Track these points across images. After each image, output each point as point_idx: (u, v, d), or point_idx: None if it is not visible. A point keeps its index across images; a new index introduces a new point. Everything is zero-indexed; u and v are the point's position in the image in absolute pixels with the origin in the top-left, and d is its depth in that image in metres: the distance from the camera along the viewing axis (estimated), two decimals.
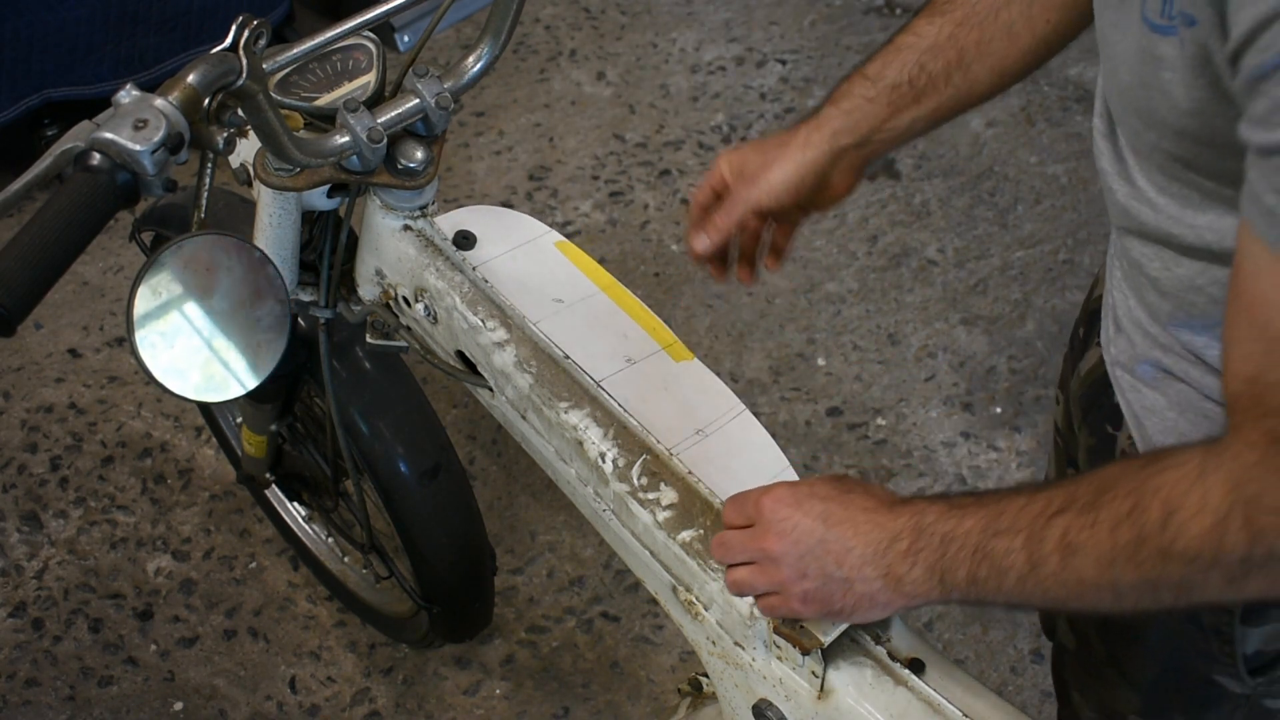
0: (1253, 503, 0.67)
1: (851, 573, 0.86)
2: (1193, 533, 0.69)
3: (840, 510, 0.87)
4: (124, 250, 2.41)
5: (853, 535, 0.86)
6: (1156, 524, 0.71)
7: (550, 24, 2.93)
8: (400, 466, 1.47)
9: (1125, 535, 0.73)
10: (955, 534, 0.81)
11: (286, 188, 1.11)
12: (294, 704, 1.85)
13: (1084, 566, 0.75)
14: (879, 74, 1.07)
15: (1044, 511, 0.78)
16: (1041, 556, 0.77)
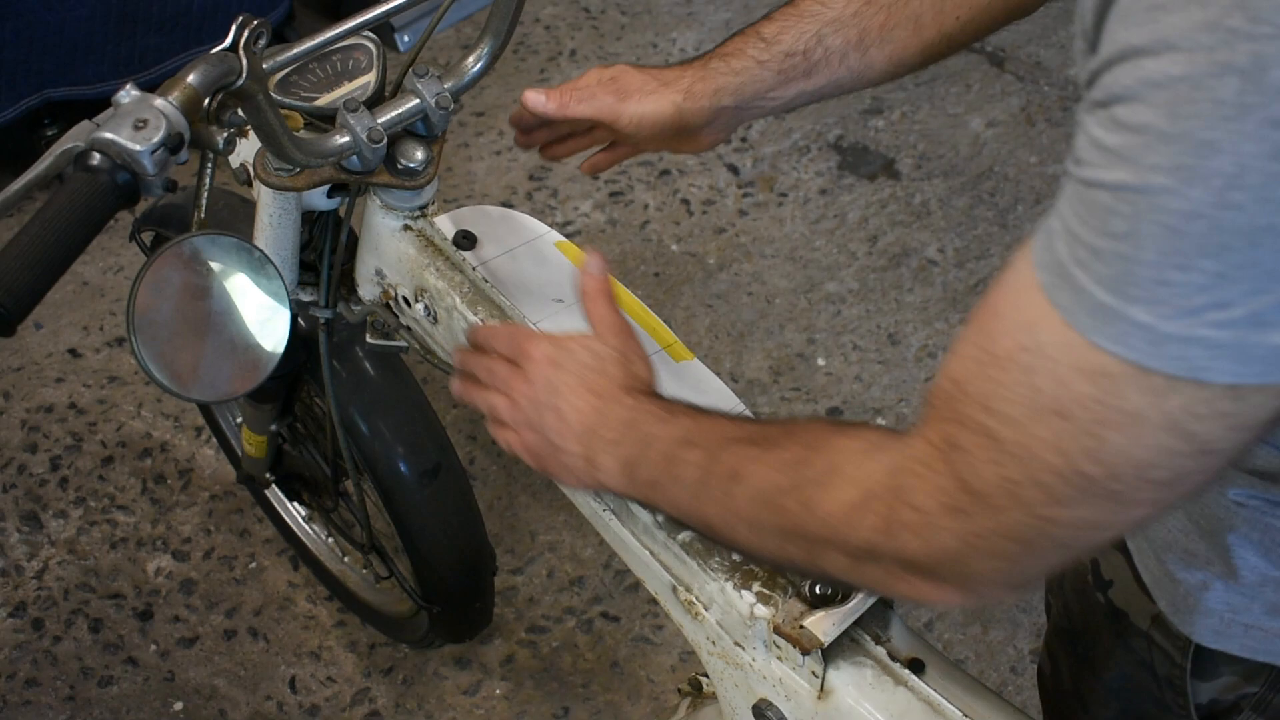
0: (899, 493, 0.67)
1: (562, 442, 0.91)
2: (838, 499, 0.70)
3: (576, 383, 0.91)
4: (124, 250, 2.41)
5: (574, 411, 0.90)
6: (813, 479, 0.72)
7: (550, 24, 2.93)
8: (400, 466, 1.47)
9: (783, 479, 0.75)
10: (656, 436, 0.85)
11: (286, 188, 1.11)
12: (294, 704, 1.85)
13: (740, 496, 0.78)
14: (775, 37, 1.03)
15: (734, 436, 0.80)
16: (711, 476, 0.79)
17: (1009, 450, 0.60)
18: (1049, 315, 0.57)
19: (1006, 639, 1.94)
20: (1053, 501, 0.60)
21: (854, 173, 2.63)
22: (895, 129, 2.71)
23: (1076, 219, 0.56)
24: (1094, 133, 0.55)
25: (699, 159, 2.62)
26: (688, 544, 1.00)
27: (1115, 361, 0.55)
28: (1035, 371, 0.58)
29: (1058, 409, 0.58)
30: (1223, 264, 0.52)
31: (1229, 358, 0.53)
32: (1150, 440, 0.56)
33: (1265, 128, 0.49)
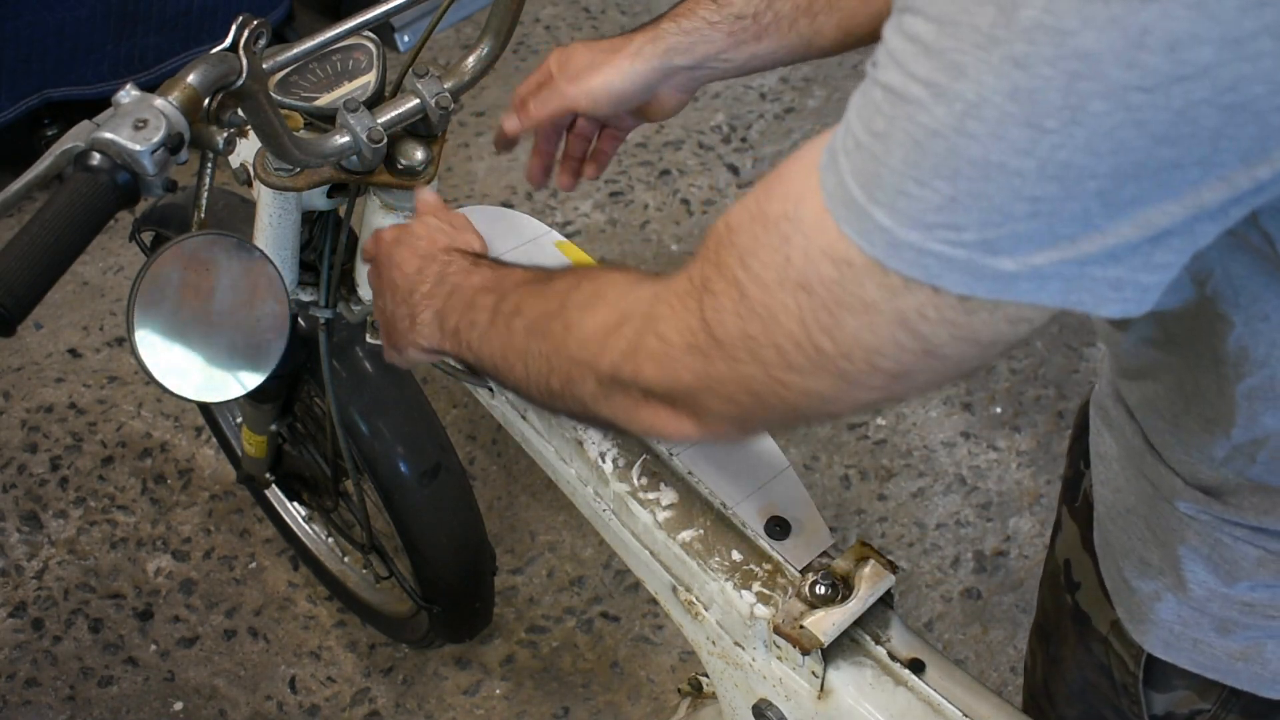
0: (649, 321, 0.69)
1: (393, 307, 0.96)
2: (597, 320, 0.73)
3: (408, 251, 0.97)
4: (124, 250, 2.41)
5: (401, 275, 0.95)
6: (578, 303, 0.75)
7: (550, 24, 2.93)
8: (400, 466, 1.47)
9: (553, 305, 0.78)
10: (462, 285, 0.89)
11: (286, 188, 1.11)
12: (294, 704, 1.85)
13: (518, 329, 0.81)
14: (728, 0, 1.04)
15: (523, 279, 0.84)
16: (498, 315, 0.83)
17: (754, 308, 0.62)
18: (814, 193, 0.59)
19: (1006, 639, 1.94)
20: (787, 366, 0.62)
21: None
22: None
23: (854, 111, 0.58)
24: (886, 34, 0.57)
25: (699, 159, 2.62)
26: (688, 544, 1.00)
27: (858, 252, 0.57)
28: (790, 242, 0.60)
29: (802, 282, 0.60)
30: (955, 189, 0.53)
31: (960, 271, 0.55)
32: (882, 330, 0.58)
33: (1007, 65, 0.50)
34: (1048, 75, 0.50)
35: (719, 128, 2.69)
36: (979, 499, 2.10)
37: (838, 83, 2.79)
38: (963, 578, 2.01)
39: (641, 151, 2.64)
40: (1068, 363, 2.29)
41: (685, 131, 2.68)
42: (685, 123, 2.70)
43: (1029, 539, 2.05)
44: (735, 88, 2.78)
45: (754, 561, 0.99)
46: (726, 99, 2.75)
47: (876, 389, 0.62)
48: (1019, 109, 0.51)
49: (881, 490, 2.12)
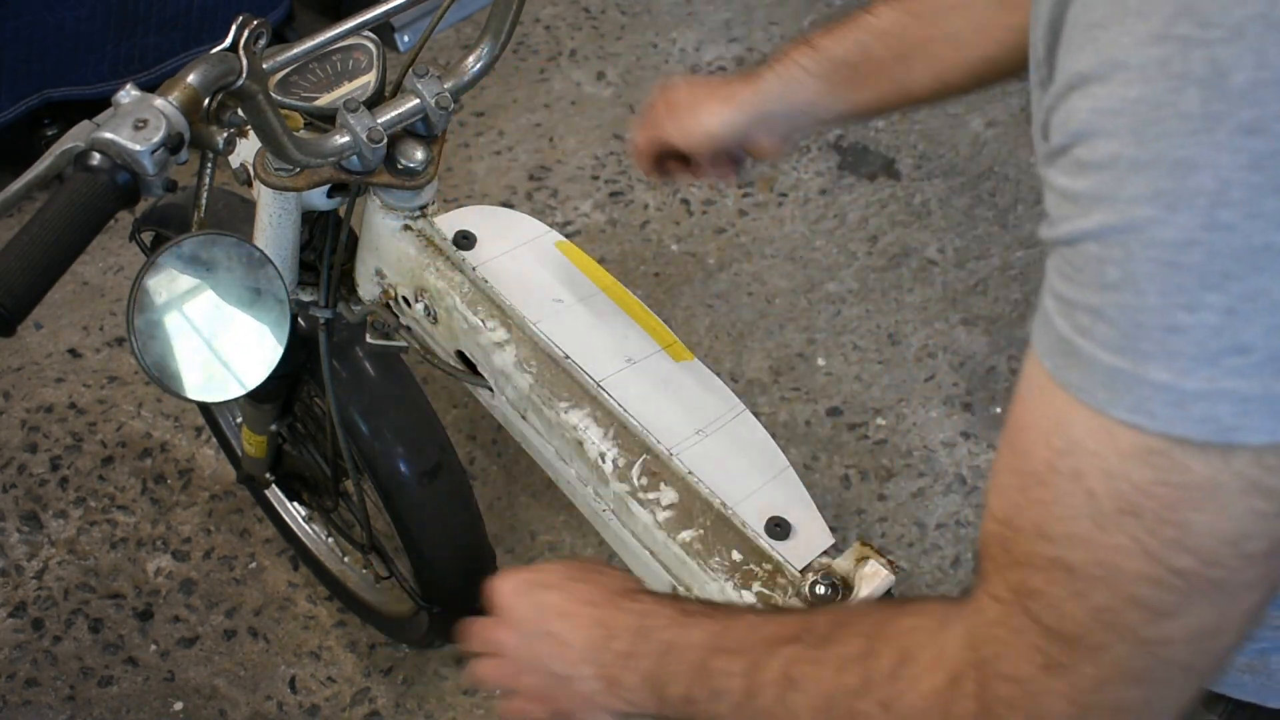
0: (987, 666, 0.58)
1: (570, 669, 0.78)
2: (921, 689, 0.60)
3: (562, 601, 0.80)
4: (124, 250, 2.41)
5: (571, 630, 0.79)
6: (885, 672, 0.62)
7: (550, 24, 2.93)
8: (400, 466, 1.47)
9: (850, 679, 0.63)
10: (677, 644, 0.73)
11: (286, 188, 1.11)
12: (294, 704, 1.85)
13: (799, 705, 0.66)
14: (825, 47, 1.02)
15: (774, 637, 0.69)
16: (759, 685, 0.68)
17: (1088, 574, 0.52)
18: (1069, 405, 0.51)
19: None
20: (1155, 617, 0.52)
21: (854, 173, 2.63)
22: (895, 129, 2.71)
23: (1066, 282, 0.51)
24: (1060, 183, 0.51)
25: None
26: (687, 544, 1.00)
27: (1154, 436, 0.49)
28: (1082, 475, 0.51)
29: (1122, 507, 0.51)
30: (1229, 296, 0.47)
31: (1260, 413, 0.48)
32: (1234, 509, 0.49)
33: (1238, 136, 0.46)
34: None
35: None
36: (979, 499, 2.10)
37: None
38: (963, 578, 2.01)
39: None
40: None
41: None
42: None
43: None
44: None
45: (754, 561, 0.99)
46: None
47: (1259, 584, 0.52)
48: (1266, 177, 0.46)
49: (881, 490, 2.11)
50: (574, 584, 0.81)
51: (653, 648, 0.75)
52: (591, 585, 0.81)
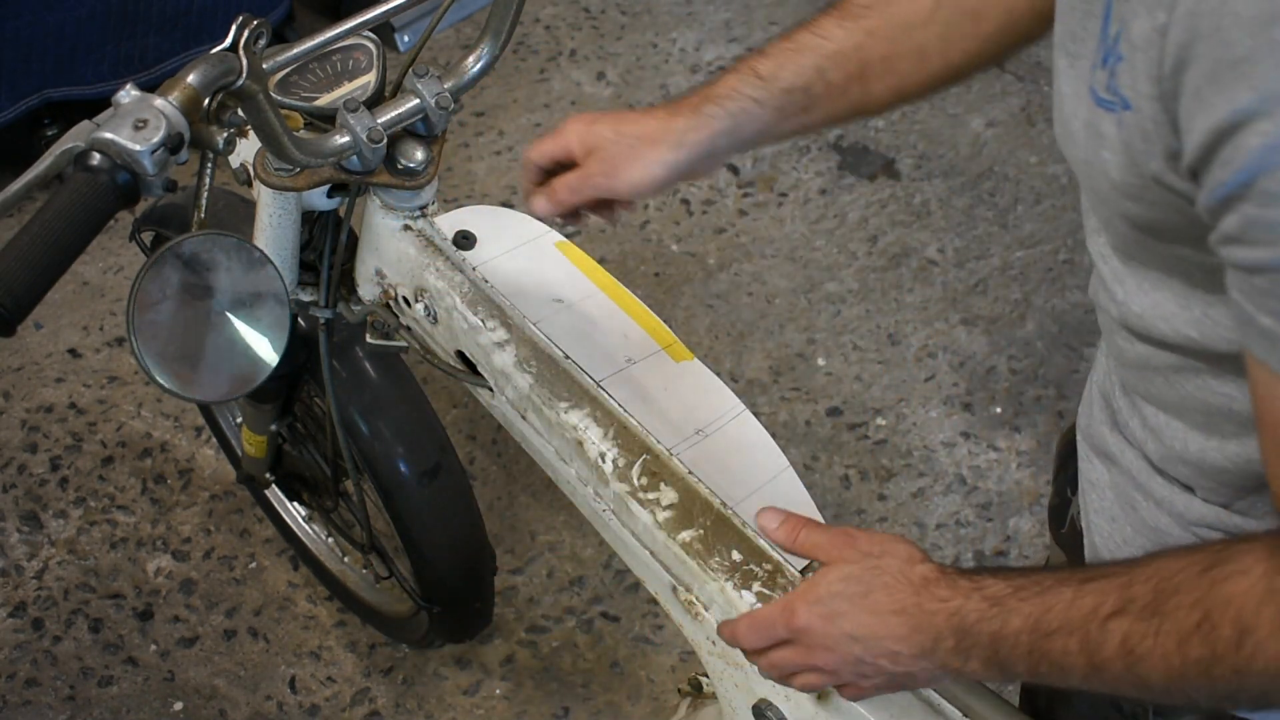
0: None
1: (909, 667, 0.82)
2: (1271, 652, 0.66)
3: (870, 618, 0.83)
4: (124, 250, 2.41)
5: (894, 641, 0.82)
6: (1231, 643, 0.67)
7: (550, 24, 2.93)
8: (400, 466, 1.47)
9: (1196, 651, 0.69)
10: (1004, 635, 0.77)
11: (286, 188, 1.11)
12: (294, 704, 1.85)
13: (1151, 674, 0.71)
14: (773, 75, 0.98)
15: (1096, 611, 0.73)
16: (1103, 660, 0.73)
17: None
18: None
19: None
20: None
21: (854, 173, 2.63)
22: (895, 129, 2.71)
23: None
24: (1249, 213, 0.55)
25: None
26: (687, 544, 1.00)
27: None
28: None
29: None
30: None
31: None
32: None
33: None
34: None
35: None
36: (979, 499, 2.10)
37: None
38: None
39: None
40: (1068, 363, 2.29)
41: None
42: None
43: (1029, 539, 2.05)
44: None
45: (754, 561, 0.99)
46: None
47: None
48: None
49: (881, 490, 2.12)
50: (869, 597, 0.83)
51: (981, 641, 0.78)
52: (884, 592, 0.82)
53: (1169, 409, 0.81)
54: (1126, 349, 0.82)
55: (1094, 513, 0.91)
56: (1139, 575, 0.72)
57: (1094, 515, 0.91)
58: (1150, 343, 0.78)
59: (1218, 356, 0.74)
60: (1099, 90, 0.67)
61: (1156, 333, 0.76)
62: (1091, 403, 0.93)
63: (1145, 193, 0.67)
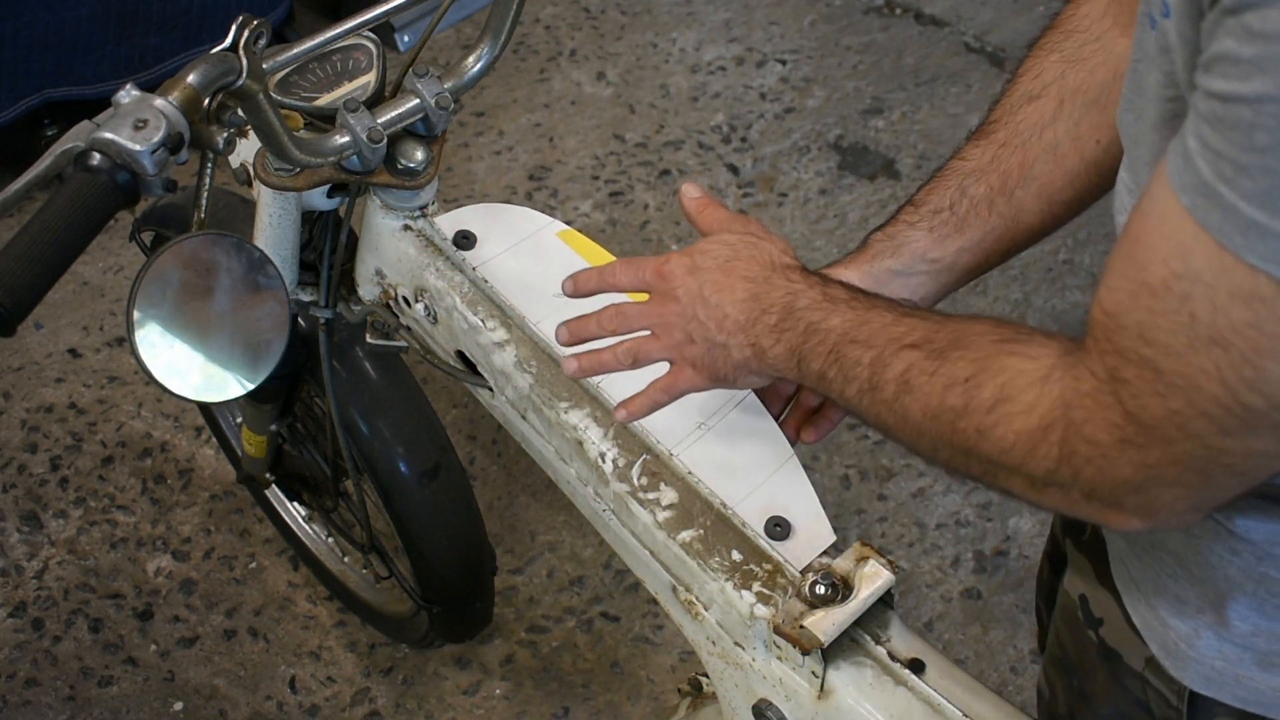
0: (1074, 427, 0.67)
1: (727, 338, 0.90)
2: (1013, 427, 0.71)
3: (723, 277, 0.91)
4: (124, 250, 2.41)
5: (730, 301, 0.90)
6: (985, 403, 0.73)
7: (550, 24, 2.93)
8: (400, 466, 1.47)
9: (954, 399, 0.74)
10: (819, 327, 0.85)
11: (286, 188, 1.11)
12: (294, 704, 1.85)
13: (912, 407, 0.78)
14: (923, 199, 1.03)
15: (900, 339, 0.80)
16: (882, 381, 0.80)
17: (1171, 382, 0.60)
18: (1199, 238, 0.57)
19: (1006, 639, 1.94)
20: (1221, 432, 0.60)
21: (854, 173, 2.63)
22: (895, 129, 2.71)
23: (1217, 136, 0.55)
24: (1226, 44, 0.55)
25: (699, 159, 2.62)
26: (688, 544, 1.00)
27: (1270, 282, 0.55)
28: (1191, 299, 0.58)
29: (1215, 337, 0.57)
30: None
31: None
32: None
33: None
34: None
35: (719, 128, 2.69)
36: (979, 499, 2.10)
37: (837, 83, 2.79)
38: (963, 578, 2.01)
39: (641, 151, 2.64)
40: None
41: (685, 131, 2.68)
42: (685, 123, 2.70)
43: (1029, 539, 2.05)
44: (735, 88, 2.78)
45: (754, 561, 0.99)
46: (726, 99, 2.75)
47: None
48: None
49: (881, 490, 2.12)
50: (734, 261, 0.91)
51: (798, 326, 0.86)
52: (747, 262, 0.91)
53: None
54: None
55: None
56: (949, 325, 0.79)
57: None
58: None
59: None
60: (1155, 14, 0.68)
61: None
62: None
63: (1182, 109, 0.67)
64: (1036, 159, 0.99)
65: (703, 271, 0.92)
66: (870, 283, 1.03)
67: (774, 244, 0.93)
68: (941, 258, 1.03)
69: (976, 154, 1.02)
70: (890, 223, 1.05)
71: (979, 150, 1.01)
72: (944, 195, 1.02)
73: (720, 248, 0.93)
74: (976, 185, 1.01)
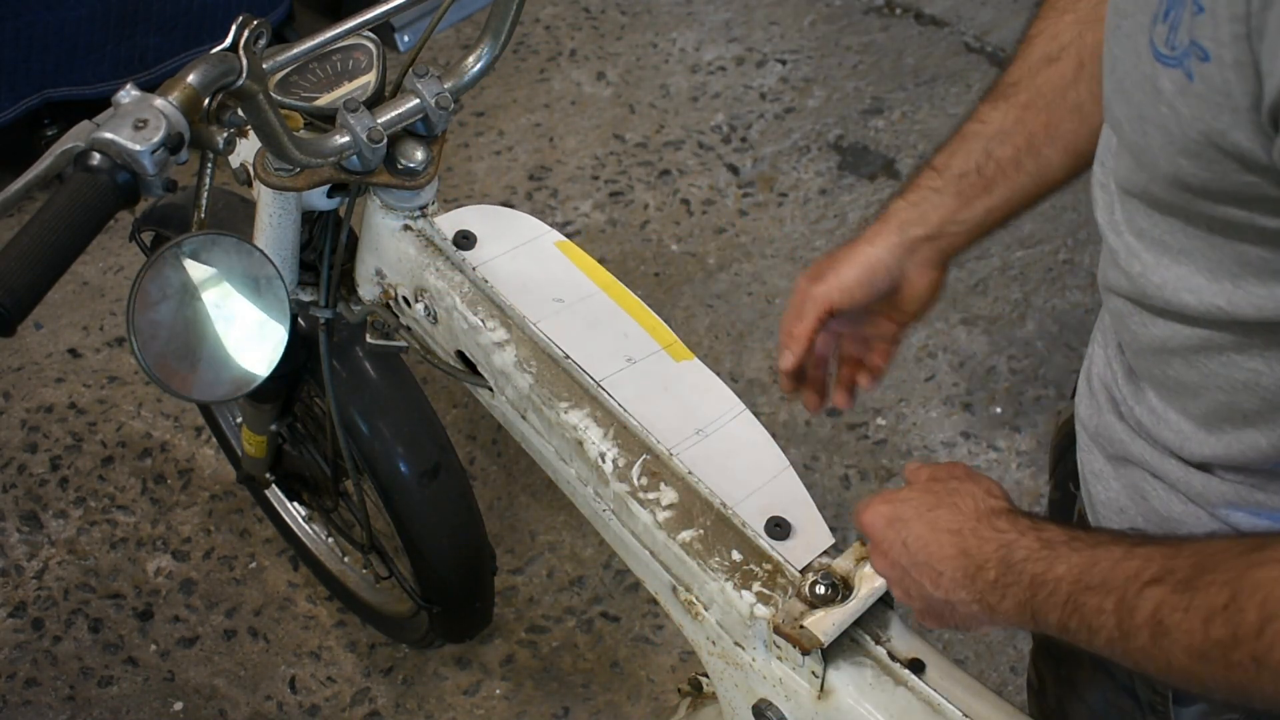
0: None
1: (948, 595, 0.84)
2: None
3: (926, 532, 0.85)
4: (124, 250, 2.41)
5: (940, 560, 0.83)
6: (1252, 628, 0.66)
7: (550, 24, 2.93)
8: (400, 466, 1.47)
9: (1218, 632, 0.68)
10: (1045, 578, 0.77)
11: (286, 188, 1.11)
12: (294, 704, 1.85)
13: (1174, 651, 0.71)
14: (945, 164, 1.03)
15: (1138, 576, 0.73)
16: (1133, 627, 0.73)
17: None
18: None
19: (1006, 639, 1.94)
20: None
21: (854, 173, 2.63)
22: (895, 129, 2.71)
23: None
24: None
25: (699, 159, 2.62)
26: (687, 544, 1.00)
27: None
28: None
29: None
30: None
31: None
32: None
33: None
34: None
35: (719, 127, 2.69)
36: None
37: (837, 83, 2.79)
38: None
39: (641, 151, 2.64)
40: (1068, 363, 2.29)
41: (685, 131, 2.68)
42: (685, 123, 2.70)
43: None
44: (735, 88, 2.78)
45: (754, 561, 0.99)
46: (726, 99, 2.75)
47: None
48: None
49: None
50: (934, 512, 0.85)
51: (1022, 579, 0.79)
52: (950, 510, 0.85)
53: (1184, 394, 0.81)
54: (1141, 332, 0.82)
55: (1100, 505, 0.91)
56: (1186, 549, 0.72)
57: (1100, 508, 0.91)
58: (1171, 318, 0.78)
59: (1245, 327, 0.73)
60: (1158, 45, 0.67)
61: (1179, 305, 0.76)
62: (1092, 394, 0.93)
63: (1204, 151, 0.67)
64: (1062, 119, 0.99)
65: (904, 524, 0.86)
66: (902, 252, 1.04)
67: (978, 485, 0.87)
68: (970, 218, 1.04)
69: (997, 117, 1.02)
70: (911, 189, 1.05)
71: (999, 113, 1.01)
72: (968, 159, 1.02)
73: (921, 496, 0.87)
74: (1002, 148, 1.01)
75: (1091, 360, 0.94)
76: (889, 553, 0.87)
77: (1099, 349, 0.93)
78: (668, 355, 1.15)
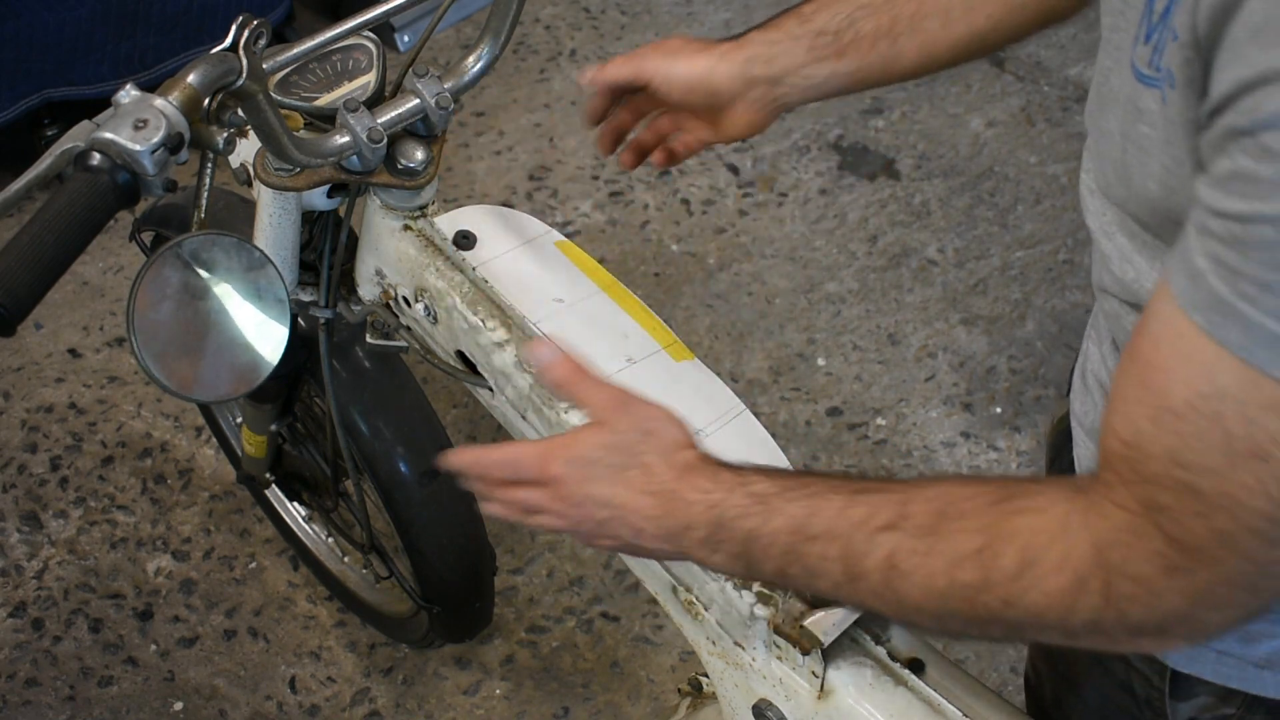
0: (1114, 568, 0.65)
1: (650, 544, 0.83)
2: (1048, 588, 0.67)
3: (623, 493, 0.82)
4: (124, 250, 2.41)
5: (642, 519, 0.82)
6: (1009, 572, 0.68)
7: (550, 24, 2.93)
8: (400, 466, 1.47)
9: (968, 575, 0.70)
10: (761, 532, 0.77)
11: (286, 188, 1.11)
12: (294, 704, 1.85)
13: (910, 590, 0.72)
14: (811, 15, 1.04)
15: (866, 522, 0.74)
16: (862, 571, 0.74)
17: (1214, 501, 0.60)
18: (1222, 356, 0.57)
19: None
20: (1269, 544, 0.60)
21: (854, 173, 2.63)
22: (895, 129, 2.71)
23: (1235, 255, 0.56)
24: (1241, 163, 0.55)
25: (699, 159, 2.62)
26: None
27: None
28: (1223, 416, 0.58)
29: (1254, 451, 0.57)
30: None
31: None
32: None
33: None
34: None
35: None
36: None
37: None
38: None
39: None
40: (1068, 363, 2.29)
41: None
42: None
43: None
44: None
45: None
46: None
47: None
48: None
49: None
50: (627, 473, 0.83)
51: (735, 535, 0.78)
52: (642, 472, 0.82)
53: None
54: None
55: None
56: (918, 495, 0.73)
57: None
58: None
59: None
60: (1139, 65, 0.67)
61: None
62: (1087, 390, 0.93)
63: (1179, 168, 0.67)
64: (928, 15, 1.00)
65: (596, 482, 0.83)
66: (740, 84, 1.05)
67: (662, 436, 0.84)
68: (812, 76, 1.04)
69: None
70: (774, 26, 1.05)
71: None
72: (833, 18, 1.03)
73: (608, 453, 0.83)
74: (866, 20, 1.02)
75: (1086, 356, 0.94)
76: (582, 505, 0.83)
77: (1093, 345, 0.93)
78: (668, 355, 1.15)
